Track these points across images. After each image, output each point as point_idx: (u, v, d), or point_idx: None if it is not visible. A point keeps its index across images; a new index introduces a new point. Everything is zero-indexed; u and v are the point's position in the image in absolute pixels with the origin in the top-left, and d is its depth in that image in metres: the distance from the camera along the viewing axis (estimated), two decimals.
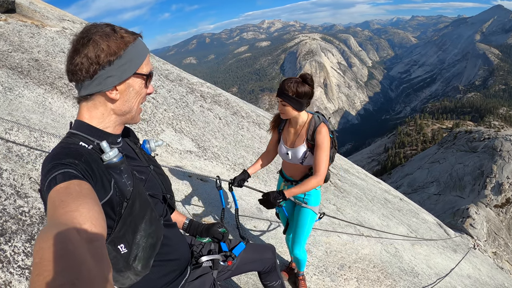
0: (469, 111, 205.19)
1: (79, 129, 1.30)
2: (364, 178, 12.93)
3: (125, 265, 1.30)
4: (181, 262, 1.74)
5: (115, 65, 1.24)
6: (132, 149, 1.55)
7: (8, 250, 2.36)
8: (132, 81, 1.33)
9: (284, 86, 2.96)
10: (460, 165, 47.02)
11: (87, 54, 1.20)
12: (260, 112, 11.89)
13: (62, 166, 1.04)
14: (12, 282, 2.21)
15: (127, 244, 1.29)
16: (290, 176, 3.51)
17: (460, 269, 8.72)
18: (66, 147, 1.19)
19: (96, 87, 1.25)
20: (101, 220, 0.90)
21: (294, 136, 3.27)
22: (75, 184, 0.97)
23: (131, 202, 1.29)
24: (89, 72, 1.22)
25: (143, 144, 1.67)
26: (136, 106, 1.39)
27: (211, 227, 2.10)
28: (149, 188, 1.49)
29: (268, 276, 2.57)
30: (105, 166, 1.24)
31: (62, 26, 8.69)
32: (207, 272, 1.97)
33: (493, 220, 26.99)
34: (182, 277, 1.74)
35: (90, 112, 1.32)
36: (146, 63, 1.36)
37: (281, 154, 3.43)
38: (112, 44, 1.23)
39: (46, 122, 4.53)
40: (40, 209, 2.84)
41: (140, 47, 1.33)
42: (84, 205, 0.89)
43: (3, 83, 4.98)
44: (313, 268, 4.63)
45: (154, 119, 6.69)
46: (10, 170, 3.11)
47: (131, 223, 1.29)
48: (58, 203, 0.89)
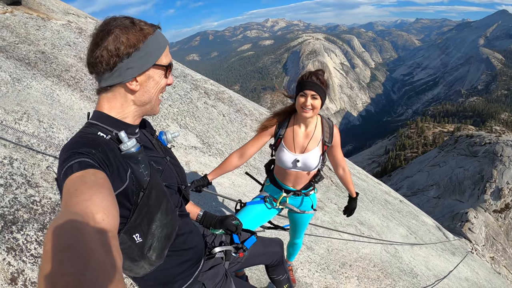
0: (471, 116, 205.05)
1: (98, 119, 1.31)
2: (364, 179, 12.96)
3: (140, 255, 1.32)
4: (196, 251, 1.76)
5: (135, 57, 1.26)
6: (149, 140, 1.57)
7: (20, 238, 2.39)
8: (152, 72, 1.34)
9: (319, 77, 2.63)
10: (460, 169, 47.05)
11: (107, 47, 1.22)
12: (263, 110, 11.90)
13: (79, 155, 1.05)
14: (25, 270, 2.24)
15: (142, 234, 1.30)
16: (293, 186, 3.09)
17: (458, 271, 8.76)
18: (84, 136, 1.20)
19: (116, 79, 1.27)
20: (114, 211, 0.91)
21: (305, 139, 2.87)
22: (90, 174, 0.99)
23: (147, 192, 1.30)
24: (109, 64, 1.24)
25: (160, 135, 1.68)
26: (155, 96, 1.40)
27: (225, 219, 2.12)
28: (165, 178, 1.50)
29: (275, 270, 2.60)
30: (122, 156, 1.25)
31: (67, 20, 8.71)
32: (219, 263, 1.98)
33: (492, 225, 27.03)
34: (196, 267, 1.75)
35: (109, 103, 1.33)
36: (165, 55, 1.37)
37: (284, 163, 2.94)
38: (132, 36, 1.25)
39: (55, 113, 4.55)
40: (51, 199, 2.87)
41: (159, 39, 1.34)
42: (97, 195, 0.90)
43: (12, 73, 5.00)
44: (315, 265, 4.67)
45: (159, 114, 6.72)
46: (20, 160, 3.14)
47: (147, 213, 1.31)
48: (72, 191, 0.91)
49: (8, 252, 2.29)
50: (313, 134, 2.86)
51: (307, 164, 2.88)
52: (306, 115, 2.68)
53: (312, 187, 3.16)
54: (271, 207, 3.18)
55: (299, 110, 2.71)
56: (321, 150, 2.88)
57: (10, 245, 2.33)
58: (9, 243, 2.34)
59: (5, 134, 3.46)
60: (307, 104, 2.63)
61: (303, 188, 3.11)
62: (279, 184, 3.14)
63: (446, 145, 58.81)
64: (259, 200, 3.20)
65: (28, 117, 3.97)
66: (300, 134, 2.88)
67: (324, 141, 2.87)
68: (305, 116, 2.69)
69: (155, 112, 1.47)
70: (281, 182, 3.12)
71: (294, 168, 2.94)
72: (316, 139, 2.87)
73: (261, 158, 7.74)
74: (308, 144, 2.86)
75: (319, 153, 2.88)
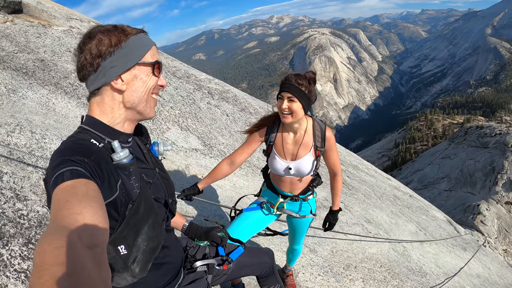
0: (480, 106, 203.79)
1: (90, 125, 1.31)
2: (373, 174, 12.84)
3: (123, 266, 1.29)
4: (174, 266, 1.73)
5: (117, 55, 1.27)
6: (141, 149, 1.55)
7: (5, 254, 2.35)
8: (138, 70, 1.33)
9: (294, 79, 2.48)
10: (471, 161, 46.71)
11: (90, 50, 1.25)
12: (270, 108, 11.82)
13: (70, 163, 1.04)
14: (8, 285, 2.21)
15: (127, 246, 1.28)
16: (290, 191, 3.00)
17: (469, 268, 8.63)
18: (77, 142, 1.20)
19: (102, 79, 1.28)
20: (104, 225, 0.90)
21: (295, 146, 2.76)
22: (81, 184, 0.97)
23: (136, 205, 1.29)
24: (93, 65, 1.26)
25: (152, 145, 1.66)
26: (145, 96, 1.37)
27: (210, 231, 2.08)
28: (153, 191, 1.48)
29: (266, 281, 2.54)
30: (114, 165, 1.24)
31: (69, 25, 8.71)
32: (201, 276, 1.96)
33: (504, 217, 26.78)
34: (175, 281, 1.73)
35: (100, 107, 1.33)
36: (151, 54, 1.36)
37: (277, 170, 2.85)
38: (113, 37, 1.27)
39: (49, 123, 4.52)
40: (38, 212, 2.83)
41: (143, 39, 1.35)
42: (88, 208, 0.89)
43: (7, 84, 4.98)
44: (318, 268, 4.57)
45: (160, 117, 6.68)
46: (10, 173, 3.11)
47: (134, 225, 1.29)
48: (63, 203, 0.89)
49: None
50: (302, 140, 2.73)
51: (300, 171, 2.78)
52: (285, 120, 2.55)
53: (310, 192, 3.05)
54: (268, 213, 3.10)
55: (280, 115, 2.59)
56: (314, 156, 2.76)
57: None
58: None
59: None
60: (283, 107, 2.50)
61: (301, 193, 3.00)
62: (275, 189, 3.05)
63: (456, 137, 58.45)
64: (256, 207, 3.11)
65: (20, 128, 3.93)
66: (289, 140, 2.78)
67: (316, 146, 2.73)
68: (285, 121, 2.56)
69: (149, 115, 1.43)
70: (278, 188, 3.03)
71: (287, 175, 2.85)
72: (306, 145, 2.74)
73: (265, 158, 7.66)
74: (298, 151, 2.75)
75: (312, 158, 2.75)
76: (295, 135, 2.76)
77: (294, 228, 3.32)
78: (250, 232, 2.97)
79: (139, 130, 1.59)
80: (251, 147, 2.88)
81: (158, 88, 1.42)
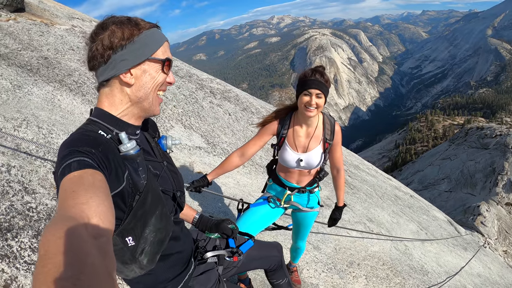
0: (481, 107, 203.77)
1: (99, 117, 1.32)
2: (374, 174, 12.85)
3: (131, 258, 1.30)
4: (183, 258, 1.74)
5: (129, 49, 1.27)
6: (149, 142, 1.56)
7: (15, 245, 2.38)
8: (147, 66, 1.33)
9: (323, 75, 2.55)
10: (471, 162, 46.59)
11: (102, 41, 1.25)
12: (270, 107, 11.87)
13: (78, 154, 1.04)
14: (18, 277, 2.23)
15: (135, 237, 1.29)
16: (297, 183, 3.03)
17: (470, 267, 8.65)
18: (85, 134, 1.20)
19: (111, 71, 1.28)
20: (110, 215, 0.90)
21: (306, 138, 2.81)
22: (88, 174, 0.97)
23: (143, 196, 1.29)
24: (104, 57, 1.26)
25: (161, 139, 1.67)
26: (152, 92, 1.37)
27: (220, 223, 2.09)
28: (161, 184, 1.48)
29: (274, 274, 2.56)
30: (121, 157, 1.25)
31: (71, 24, 8.74)
32: (212, 268, 1.96)
33: (504, 218, 26.71)
34: (186, 272, 1.74)
35: (108, 99, 1.33)
36: (163, 50, 1.36)
37: (288, 162, 2.87)
38: (126, 30, 1.27)
39: (55, 119, 4.55)
40: (47, 205, 2.86)
41: (156, 34, 1.35)
42: (94, 198, 0.89)
43: (12, 81, 5.01)
44: (321, 265, 4.60)
45: (164, 115, 6.71)
46: (18, 167, 3.13)
47: (141, 216, 1.29)
48: (69, 193, 0.89)
49: (2, 259, 2.28)
50: (314, 133, 2.80)
51: (310, 163, 2.83)
52: (311, 114, 2.59)
53: (316, 183, 3.10)
54: (275, 207, 3.12)
55: (302, 109, 2.62)
56: (323, 148, 2.82)
57: (4, 252, 2.32)
58: (3, 250, 2.33)
59: (4, 141, 3.45)
60: (312, 104, 2.54)
61: (308, 185, 3.05)
62: (282, 182, 3.07)
63: (457, 138, 58.24)
64: (263, 201, 3.14)
65: (27, 123, 3.96)
66: (301, 133, 2.82)
67: (325, 139, 2.80)
68: (309, 115, 2.60)
69: (154, 112, 1.44)
70: (285, 180, 3.06)
71: (297, 167, 2.89)
72: (317, 138, 2.80)
73: (268, 156, 7.67)
74: (309, 143, 2.80)
75: (321, 151, 2.81)
76: (307, 128, 2.80)
77: (299, 223, 3.33)
78: (259, 227, 3.00)
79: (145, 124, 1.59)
80: (262, 139, 2.89)
81: (166, 85, 1.43)
